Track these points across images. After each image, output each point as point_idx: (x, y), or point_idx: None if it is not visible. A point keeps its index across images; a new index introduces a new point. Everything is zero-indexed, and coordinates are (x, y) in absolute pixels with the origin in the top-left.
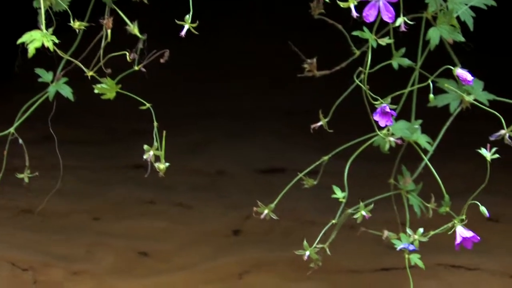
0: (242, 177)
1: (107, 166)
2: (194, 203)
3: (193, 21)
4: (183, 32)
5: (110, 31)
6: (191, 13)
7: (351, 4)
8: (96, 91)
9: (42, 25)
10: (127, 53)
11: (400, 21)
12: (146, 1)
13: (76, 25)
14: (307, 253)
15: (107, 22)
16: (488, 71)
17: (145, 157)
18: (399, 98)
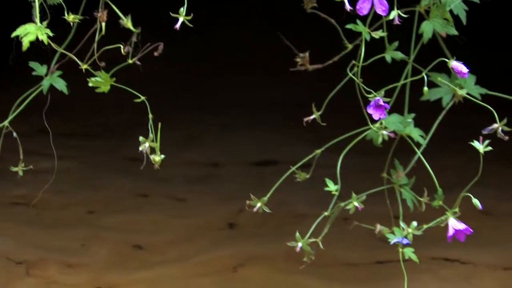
0: (236, 169)
1: (102, 159)
2: (189, 196)
3: (188, 14)
4: (178, 25)
5: (104, 24)
6: (186, 6)
7: None
8: (90, 85)
9: (37, 18)
10: (122, 46)
11: (394, 14)
12: None
13: (70, 18)
14: (300, 245)
15: (102, 15)
16: (480, 65)
17: (140, 148)
18: (392, 91)
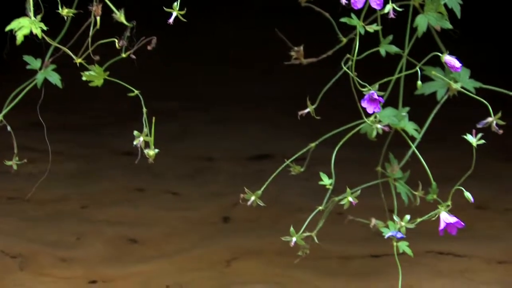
0: (231, 164)
1: (96, 153)
2: (183, 190)
3: (182, 9)
4: (171, 19)
5: (99, 18)
6: (179, 0)
7: None
8: (84, 79)
9: (31, 12)
10: (116, 40)
11: (388, 8)
12: None
13: (64, 12)
14: (294, 239)
15: (96, 9)
16: (475, 58)
17: (135, 143)
18: (387, 85)
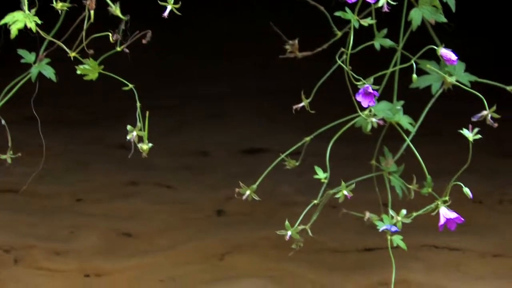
0: (225, 157)
1: (90, 147)
2: (177, 184)
3: (176, 2)
4: (166, 13)
5: (93, 12)
6: None
7: None
8: (78, 72)
9: (25, 6)
10: (110, 34)
11: (382, 1)
12: None
13: (58, 6)
14: (289, 233)
15: (90, 3)
16: (470, 52)
17: (128, 137)
18: (382, 79)
